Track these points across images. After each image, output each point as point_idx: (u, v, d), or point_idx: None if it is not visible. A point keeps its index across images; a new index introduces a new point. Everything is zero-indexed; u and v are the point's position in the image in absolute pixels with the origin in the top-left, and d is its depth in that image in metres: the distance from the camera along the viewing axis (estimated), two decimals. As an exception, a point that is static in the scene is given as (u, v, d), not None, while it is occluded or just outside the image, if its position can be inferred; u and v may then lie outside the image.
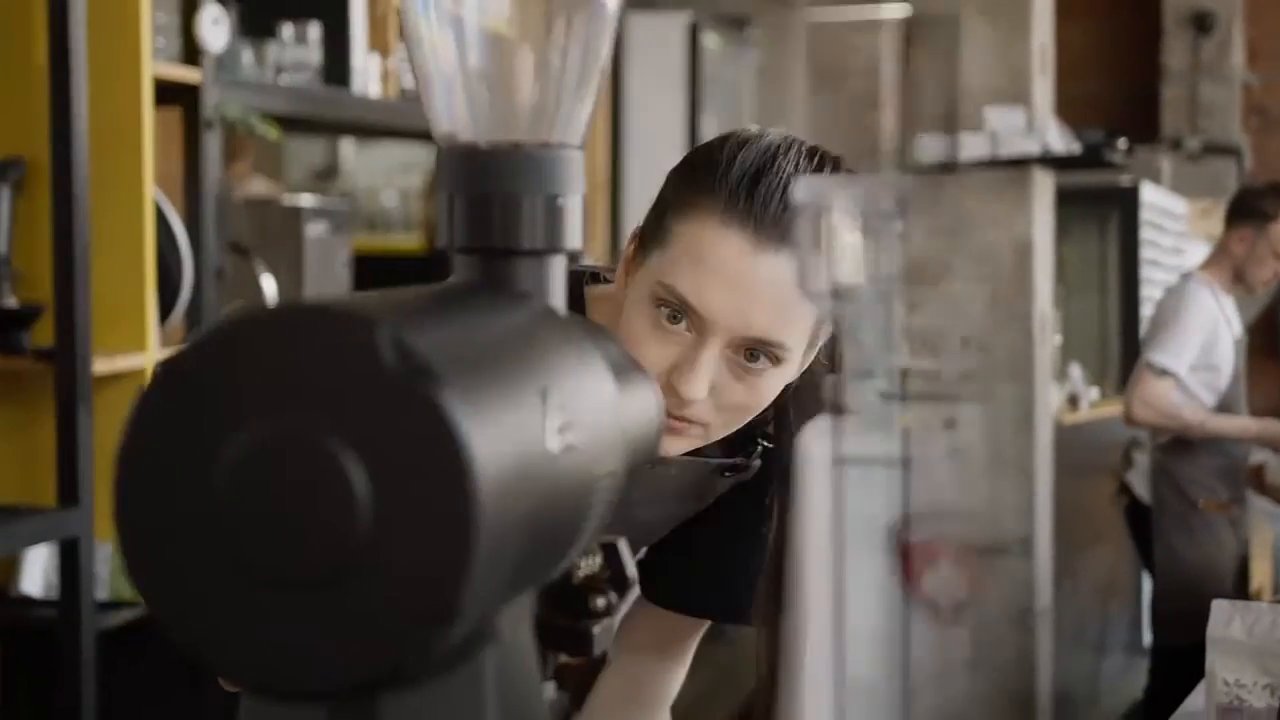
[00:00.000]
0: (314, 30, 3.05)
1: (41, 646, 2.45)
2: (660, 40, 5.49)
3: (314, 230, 3.11)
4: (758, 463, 1.40)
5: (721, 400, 1.26)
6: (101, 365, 2.46)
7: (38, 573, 2.62)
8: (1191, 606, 4.23)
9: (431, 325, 0.65)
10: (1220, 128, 9.19)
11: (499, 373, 0.66)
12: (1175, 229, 7.58)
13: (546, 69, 0.83)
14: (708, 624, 1.51)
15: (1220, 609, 1.96)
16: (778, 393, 1.30)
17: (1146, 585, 5.99)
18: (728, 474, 1.39)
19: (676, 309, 1.25)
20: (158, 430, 0.62)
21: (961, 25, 5.34)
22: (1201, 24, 9.37)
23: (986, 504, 4.64)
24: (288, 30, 3.05)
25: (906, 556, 0.68)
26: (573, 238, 0.81)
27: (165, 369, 0.63)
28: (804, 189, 0.70)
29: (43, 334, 2.45)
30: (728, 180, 1.25)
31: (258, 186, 3.90)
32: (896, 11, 5.80)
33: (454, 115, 0.82)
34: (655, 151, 4.74)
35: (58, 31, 2.39)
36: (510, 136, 0.81)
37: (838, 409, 0.69)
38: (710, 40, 5.75)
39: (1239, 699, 1.88)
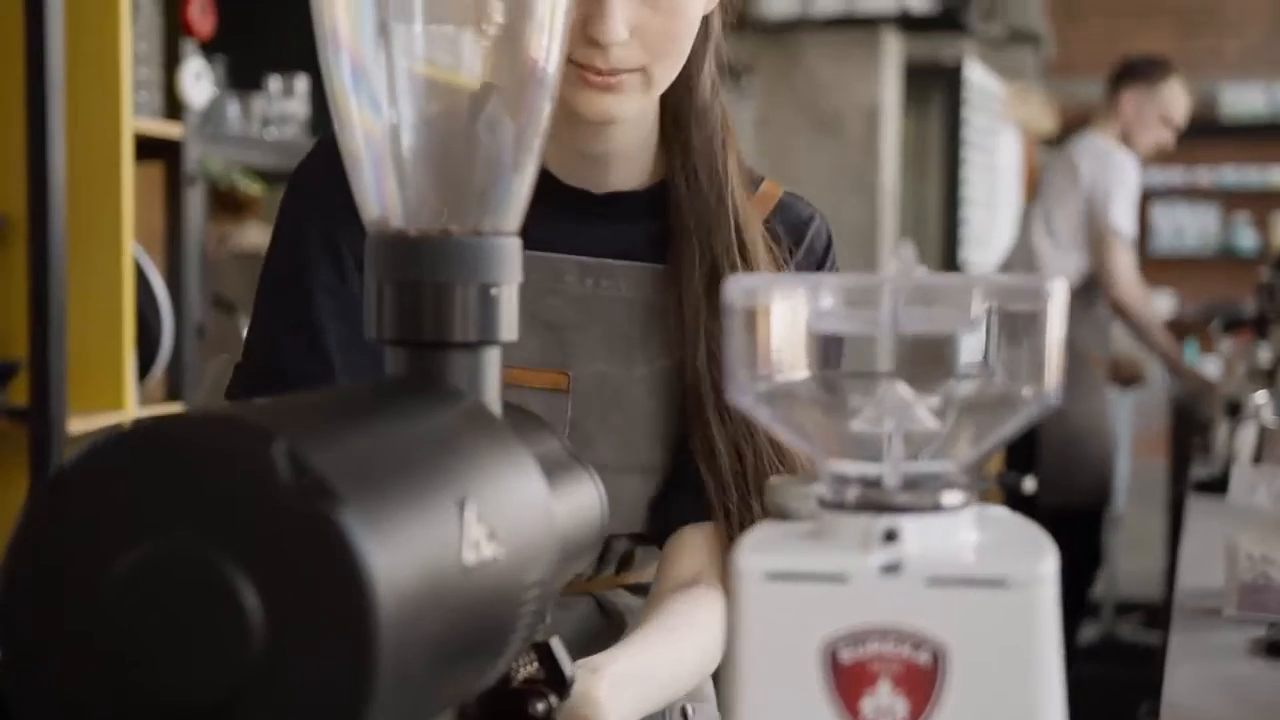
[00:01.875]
0: (301, 83, 3.03)
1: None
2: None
3: (301, 284, 3.08)
4: None
5: (646, 36, 1.20)
6: (78, 424, 2.42)
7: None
8: (1078, 467, 4.21)
9: (338, 435, 0.62)
10: (1022, 14, 9.15)
11: (410, 484, 0.62)
12: (992, 110, 7.54)
13: (479, 152, 0.80)
14: None
15: (1241, 475, 1.78)
16: (700, 9, 1.24)
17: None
18: None
19: None
20: (46, 541, 0.59)
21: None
22: None
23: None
24: (275, 83, 3.03)
25: (843, 678, 0.64)
26: (508, 329, 0.78)
27: (57, 477, 0.60)
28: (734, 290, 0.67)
29: (18, 392, 2.41)
30: None
31: (255, 235, 3.88)
32: None
33: (384, 200, 0.79)
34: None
35: (36, 86, 2.37)
36: (442, 223, 0.78)
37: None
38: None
39: (1265, 575, 1.68)
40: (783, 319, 0.68)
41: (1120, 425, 5.75)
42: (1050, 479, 3.97)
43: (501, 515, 0.68)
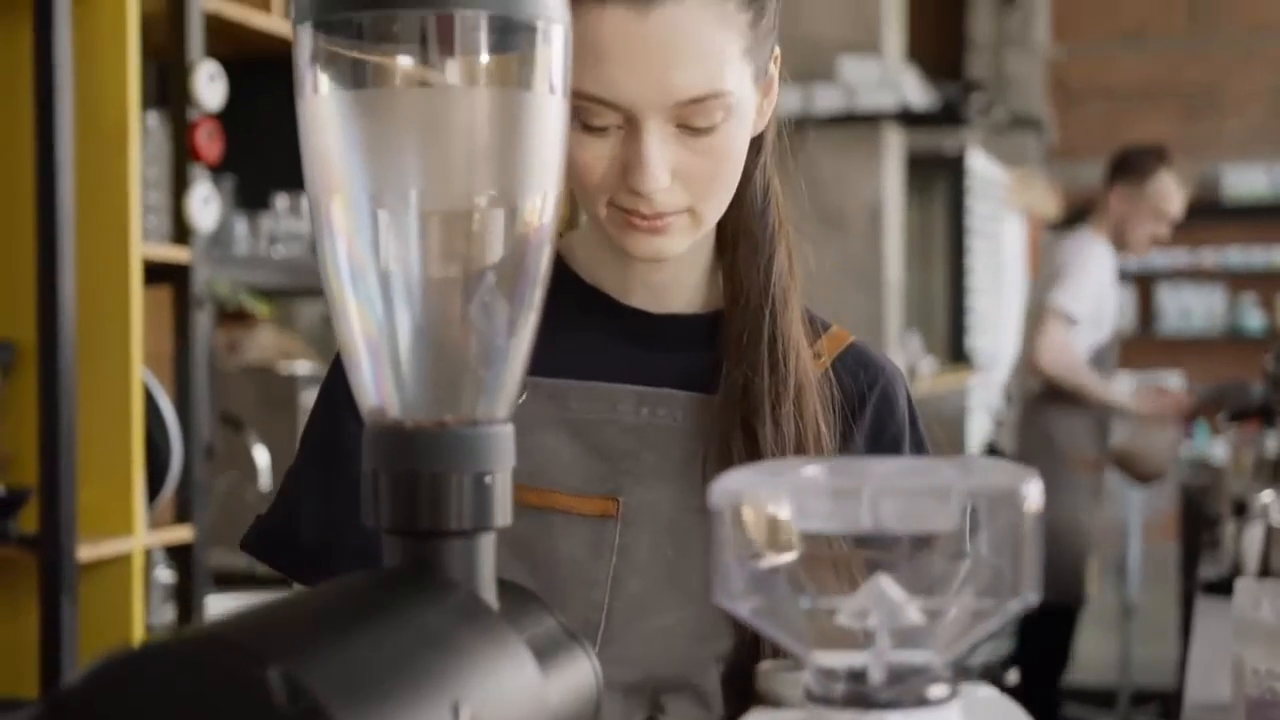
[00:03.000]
0: (307, 200, 3.06)
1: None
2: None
3: (309, 398, 3.10)
4: None
5: (689, 179, 1.16)
6: (87, 551, 2.43)
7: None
8: (1051, 566, 4.18)
9: (333, 650, 0.63)
10: (1023, 100, 9.21)
11: (405, 693, 0.64)
12: (996, 198, 7.56)
13: (473, 338, 0.82)
14: None
15: (1246, 589, 1.74)
16: (746, 141, 1.20)
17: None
18: None
19: (597, 113, 1.14)
20: (49, 762, 0.60)
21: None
22: None
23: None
24: (281, 200, 3.07)
25: None
26: (502, 514, 0.80)
27: (56, 698, 0.61)
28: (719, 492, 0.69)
29: (28, 519, 2.43)
30: None
31: (266, 340, 3.91)
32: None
33: (381, 391, 0.81)
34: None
35: (46, 213, 2.40)
36: (437, 414, 0.80)
37: None
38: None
39: (1272, 690, 1.66)
40: (768, 517, 0.69)
41: (1131, 513, 5.75)
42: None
43: (495, 713, 0.69)
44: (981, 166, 7.09)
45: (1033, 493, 0.66)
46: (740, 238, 1.28)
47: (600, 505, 1.23)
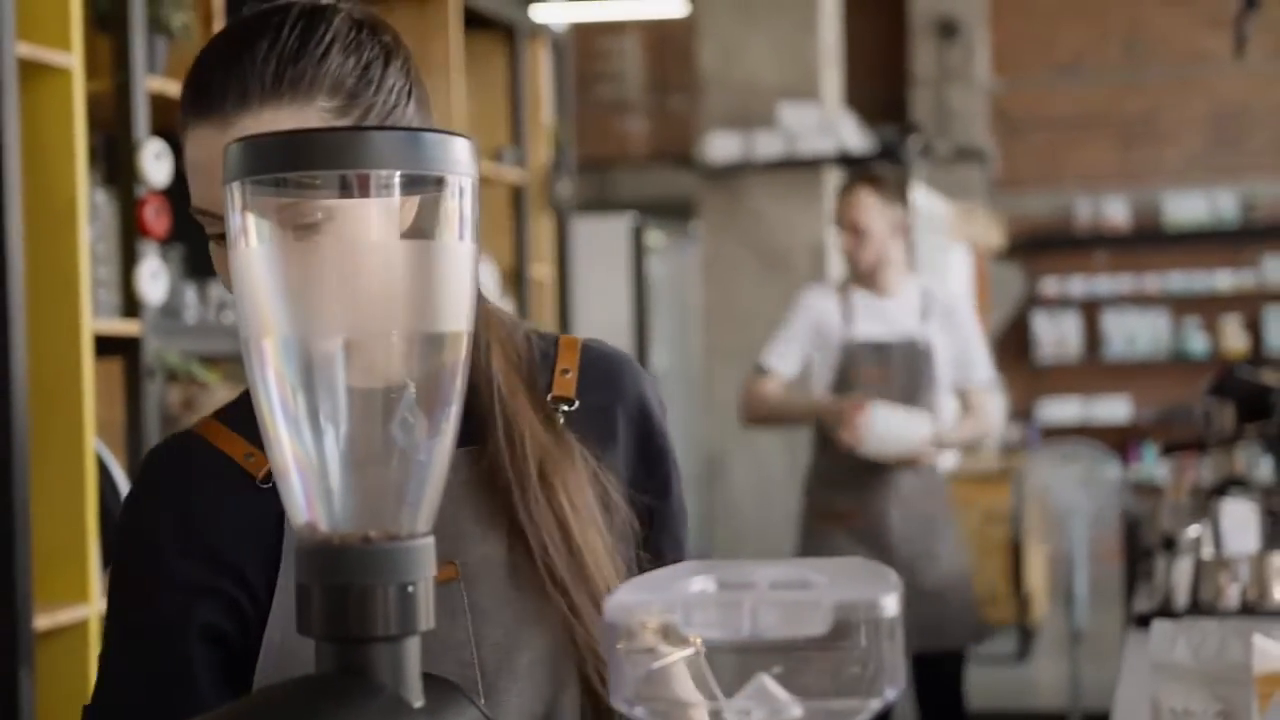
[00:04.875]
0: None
1: None
2: (607, 239, 5.65)
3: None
4: None
5: None
6: (44, 621, 2.49)
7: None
8: (948, 612, 4.21)
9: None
10: (966, 133, 9.35)
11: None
12: (941, 230, 7.67)
13: (394, 455, 0.89)
14: None
15: (1162, 630, 1.77)
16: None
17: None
18: None
19: (209, 223, 1.20)
20: None
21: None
22: (947, 30, 9.56)
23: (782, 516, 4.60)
24: (230, 267, 3.14)
25: None
26: (426, 618, 0.87)
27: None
28: (614, 607, 0.77)
29: (-17, 590, 2.48)
30: (187, 77, 1.21)
31: (220, 398, 3.96)
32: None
33: (310, 508, 0.88)
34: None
35: (-2, 292, 2.46)
36: (363, 528, 0.88)
37: None
38: (654, 238, 5.90)
39: None
40: (659, 626, 0.77)
41: (1077, 542, 5.85)
42: (921, 625, 4.01)
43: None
44: (924, 202, 7.22)
45: (890, 603, 0.74)
46: None
47: (443, 573, 1.28)
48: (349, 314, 0.88)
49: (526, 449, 1.30)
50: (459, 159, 0.88)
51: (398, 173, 0.86)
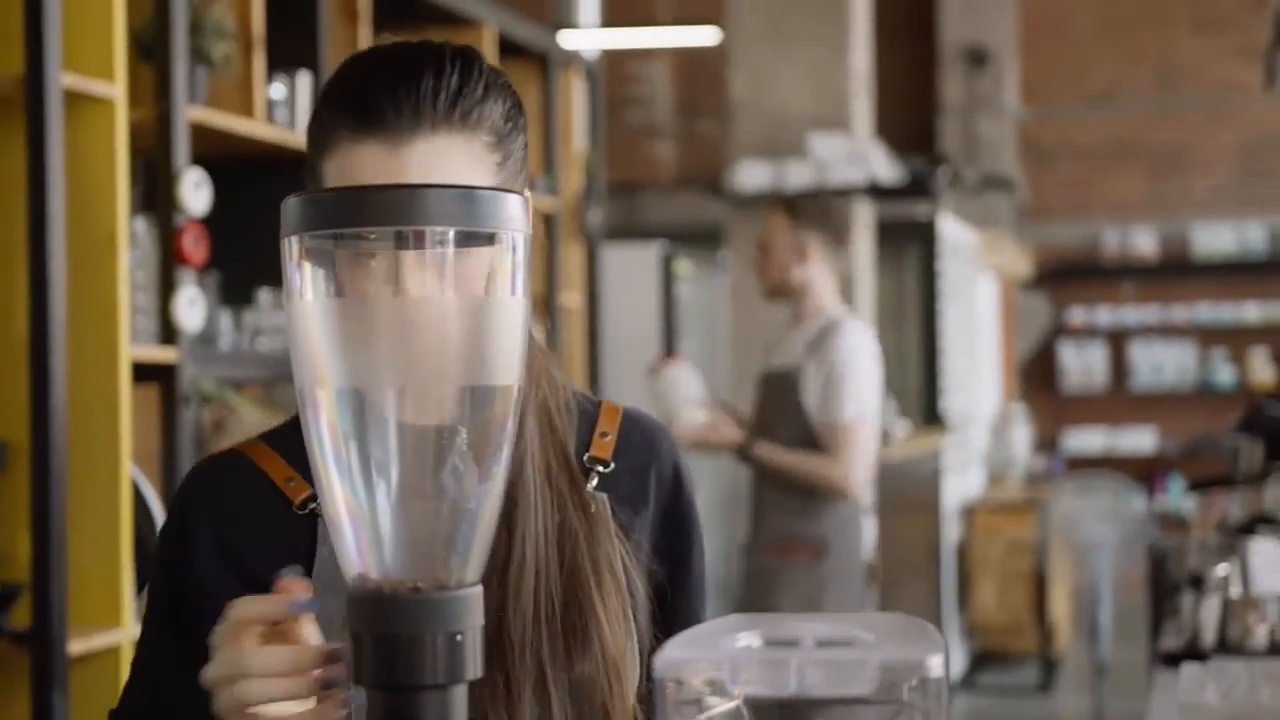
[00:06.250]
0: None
1: None
2: (636, 267, 5.67)
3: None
4: None
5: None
6: (78, 645, 2.51)
7: None
8: None
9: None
10: (995, 162, 9.32)
11: None
12: (968, 259, 7.65)
13: (445, 503, 0.91)
14: None
15: (1191, 674, 1.78)
16: None
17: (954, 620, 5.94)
18: None
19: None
20: None
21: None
22: (976, 59, 9.53)
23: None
24: (265, 295, 3.17)
25: None
26: (473, 667, 0.89)
27: None
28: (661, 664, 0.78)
29: (20, 614, 2.51)
30: (344, 93, 1.20)
31: (250, 419, 3.98)
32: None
33: (363, 558, 0.90)
34: (634, 378, 4.83)
35: (39, 318, 2.49)
36: (413, 578, 0.89)
37: None
38: (683, 268, 5.92)
39: None
40: (706, 682, 0.79)
41: (1103, 576, 5.84)
42: None
43: None
44: (952, 231, 7.22)
45: (936, 663, 0.76)
46: None
47: None
48: (402, 366, 0.89)
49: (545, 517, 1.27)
50: (512, 215, 0.89)
51: (452, 229, 0.88)
